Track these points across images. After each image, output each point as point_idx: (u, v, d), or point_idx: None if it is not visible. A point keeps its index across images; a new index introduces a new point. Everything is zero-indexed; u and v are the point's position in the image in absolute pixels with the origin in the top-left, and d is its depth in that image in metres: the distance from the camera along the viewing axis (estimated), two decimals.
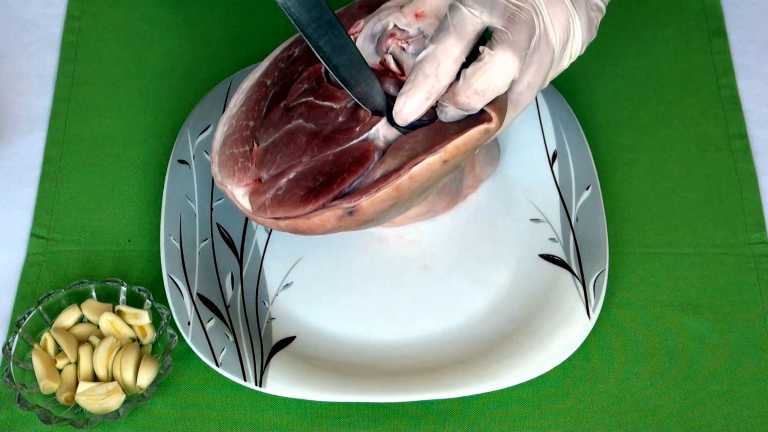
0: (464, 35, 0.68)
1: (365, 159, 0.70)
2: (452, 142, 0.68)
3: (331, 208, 0.69)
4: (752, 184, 0.84)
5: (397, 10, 0.73)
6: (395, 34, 0.72)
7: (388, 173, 0.69)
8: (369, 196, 0.69)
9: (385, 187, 0.68)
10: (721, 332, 0.77)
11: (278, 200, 0.71)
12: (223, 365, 0.72)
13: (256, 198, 0.72)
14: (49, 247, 0.81)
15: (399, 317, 0.77)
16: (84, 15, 0.93)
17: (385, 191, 0.69)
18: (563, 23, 0.69)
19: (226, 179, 0.74)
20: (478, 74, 0.67)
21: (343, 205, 0.69)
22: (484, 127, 0.68)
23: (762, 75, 0.90)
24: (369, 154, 0.70)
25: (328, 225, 0.70)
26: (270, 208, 0.71)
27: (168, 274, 0.76)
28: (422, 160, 0.68)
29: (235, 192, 0.73)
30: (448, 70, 0.68)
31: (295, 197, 0.70)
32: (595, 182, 0.81)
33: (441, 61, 0.68)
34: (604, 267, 0.76)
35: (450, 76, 0.68)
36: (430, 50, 0.68)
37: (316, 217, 0.70)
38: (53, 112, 0.88)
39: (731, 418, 0.73)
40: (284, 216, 0.71)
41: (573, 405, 0.74)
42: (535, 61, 0.69)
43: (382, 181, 0.69)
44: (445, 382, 0.72)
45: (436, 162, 0.68)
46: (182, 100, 0.88)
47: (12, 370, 0.73)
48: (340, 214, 0.69)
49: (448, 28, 0.68)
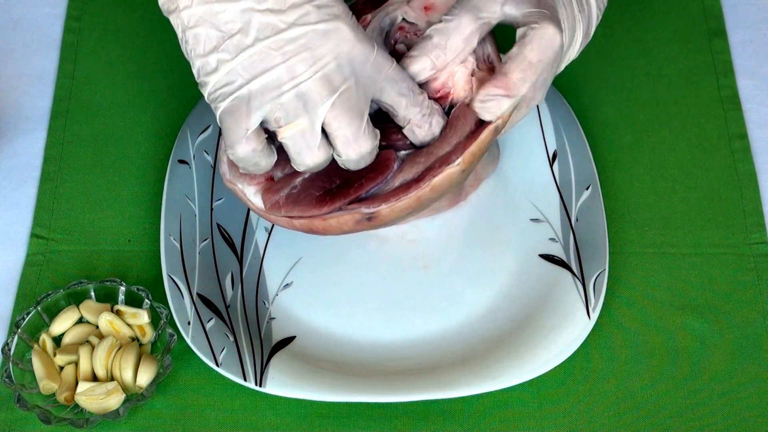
0: (479, 18, 0.68)
1: (385, 167, 0.70)
2: (468, 150, 0.68)
3: (350, 211, 0.69)
4: (752, 184, 0.84)
5: (405, 3, 0.72)
6: (404, 27, 0.72)
7: (408, 183, 0.69)
8: (390, 204, 0.69)
9: (406, 198, 0.69)
10: (721, 332, 0.77)
11: (293, 199, 0.71)
12: (223, 365, 0.72)
13: (269, 196, 0.72)
14: (49, 247, 0.81)
15: (399, 317, 0.77)
16: (84, 15, 0.93)
17: (407, 201, 0.69)
18: (571, 27, 0.70)
19: (236, 178, 0.73)
20: (531, 44, 0.67)
21: (362, 210, 0.69)
22: (494, 126, 0.68)
23: (762, 75, 0.90)
24: (389, 162, 0.70)
25: (345, 227, 0.70)
26: (284, 207, 0.71)
27: (168, 274, 0.76)
28: (442, 172, 0.68)
29: (246, 190, 0.73)
30: (456, 46, 0.68)
31: (310, 197, 0.70)
32: (595, 182, 0.81)
33: (452, 35, 0.68)
34: (604, 267, 0.76)
35: (456, 52, 0.68)
36: (443, 24, 0.68)
37: (333, 219, 0.70)
38: (53, 112, 0.88)
39: (731, 417, 0.73)
40: (299, 215, 0.70)
41: (573, 405, 0.74)
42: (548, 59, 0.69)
43: (403, 191, 0.69)
44: (445, 382, 0.72)
45: (455, 172, 0.68)
46: (182, 100, 0.88)
47: (11, 370, 0.73)
48: (358, 219, 0.69)
49: (466, 6, 0.68)
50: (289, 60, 0.64)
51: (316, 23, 0.64)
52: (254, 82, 0.64)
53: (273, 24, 0.63)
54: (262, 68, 0.64)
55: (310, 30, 0.64)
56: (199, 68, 0.65)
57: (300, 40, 0.64)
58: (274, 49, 0.63)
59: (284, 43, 0.63)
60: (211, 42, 0.64)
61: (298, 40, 0.64)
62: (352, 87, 0.65)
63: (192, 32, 0.64)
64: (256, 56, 0.64)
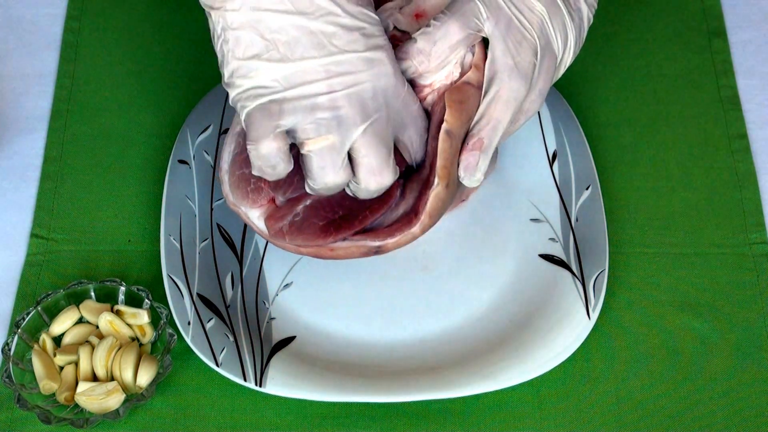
0: (468, 27, 0.68)
1: (388, 197, 0.70)
2: (437, 165, 0.68)
3: (355, 243, 0.70)
4: (752, 184, 0.84)
5: (397, 11, 0.73)
6: (396, 35, 0.72)
7: (407, 214, 0.70)
8: (395, 238, 0.70)
9: (409, 232, 0.70)
10: (721, 332, 0.77)
11: (296, 227, 0.71)
12: (223, 365, 0.72)
13: (272, 223, 0.72)
14: (48, 247, 0.81)
15: (399, 317, 0.77)
16: (84, 15, 0.93)
17: (411, 235, 0.70)
18: (562, 33, 0.70)
19: (239, 201, 0.73)
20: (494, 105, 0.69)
21: (367, 243, 0.70)
22: (444, 130, 0.68)
23: (762, 75, 0.90)
24: (392, 191, 0.70)
25: (352, 256, 0.71)
26: (288, 235, 0.71)
27: (168, 274, 0.76)
28: (429, 197, 0.69)
29: (250, 214, 0.73)
30: (441, 53, 0.68)
31: (313, 227, 0.70)
32: (595, 182, 0.81)
33: (438, 41, 0.68)
34: (604, 267, 0.76)
35: (440, 59, 0.68)
36: (431, 29, 0.68)
37: (341, 250, 0.70)
38: (53, 112, 0.88)
39: (731, 418, 0.73)
40: (305, 244, 0.71)
41: (573, 405, 0.74)
42: (545, 68, 0.69)
43: (406, 224, 0.70)
44: (445, 382, 0.72)
45: (440, 191, 0.69)
46: (182, 100, 0.88)
47: (11, 370, 0.73)
48: (365, 251, 0.70)
49: (456, 12, 0.68)
50: (331, 79, 0.64)
51: (363, 51, 0.64)
52: (291, 91, 0.64)
53: (322, 44, 0.63)
54: (302, 80, 0.64)
55: (356, 57, 0.64)
56: (234, 70, 0.65)
57: (345, 65, 0.64)
58: (317, 67, 0.64)
59: (329, 63, 0.64)
60: (253, 48, 0.64)
61: (343, 63, 0.64)
62: (383, 118, 0.66)
63: (234, 33, 0.64)
64: (299, 72, 0.64)
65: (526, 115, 0.71)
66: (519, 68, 0.68)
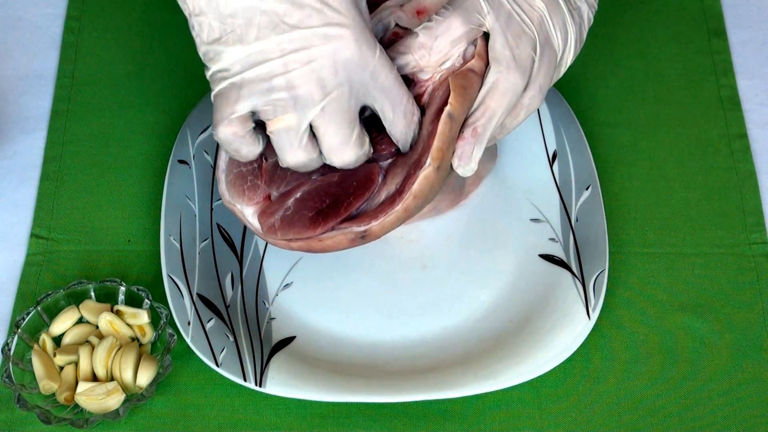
0: (470, 22, 0.68)
1: (370, 182, 0.70)
2: (433, 146, 0.68)
3: (342, 231, 0.70)
4: (752, 184, 0.84)
5: (398, 9, 0.73)
6: (398, 32, 0.72)
7: (392, 196, 0.69)
8: (379, 221, 0.69)
9: (393, 212, 0.69)
10: (721, 332, 0.77)
11: (287, 221, 0.71)
12: (223, 365, 0.72)
13: (264, 219, 0.72)
14: (48, 247, 0.81)
15: (399, 317, 0.77)
16: (84, 15, 0.93)
17: (394, 215, 0.69)
18: (562, 31, 0.70)
19: (235, 198, 0.73)
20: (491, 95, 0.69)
21: (353, 229, 0.70)
22: (446, 114, 0.68)
23: (762, 75, 0.90)
24: (373, 177, 0.70)
25: (342, 246, 0.71)
26: (280, 230, 0.71)
27: (168, 274, 0.76)
28: (417, 177, 0.68)
29: (245, 211, 0.73)
30: (442, 47, 0.69)
31: (303, 218, 0.70)
32: (595, 182, 0.81)
33: (439, 35, 0.68)
34: (604, 267, 0.76)
35: (441, 54, 0.69)
36: (433, 23, 0.68)
37: (329, 240, 0.70)
38: (53, 112, 0.88)
39: (731, 417, 0.73)
40: (295, 238, 0.71)
41: (573, 405, 0.74)
42: (545, 64, 0.70)
43: (389, 205, 0.69)
44: (445, 382, 0.72)
45: (430, 173, 0.68)
46: (182, 100, 0.88)
47: (11, 370, 0.73)
48: (351, 237, 0.70)
49: (459, 7, 0.68)
50: (286, 56, 0.64)
51: (318, 26, 0.64)
52: (248, 72, 0.65)
53: (275, 23, 0.64)
54: (259, 60, 0.65)
55: (309, 33, 0.64)
56: (203, 54, 0.66)
57: (298, 41, 0.64)
58: (273, 46, 0.64)
59: (283, 42, 0.64)
60: (213, 33, 0.65)
61: (296, 40, 0.64)
62: (345, 93, 0.65)
63: (197, 19, 0.65)
64: (256, 53, 0.64)
65: (526, 110, 0.71)
66: (517, 60, 0.68)
